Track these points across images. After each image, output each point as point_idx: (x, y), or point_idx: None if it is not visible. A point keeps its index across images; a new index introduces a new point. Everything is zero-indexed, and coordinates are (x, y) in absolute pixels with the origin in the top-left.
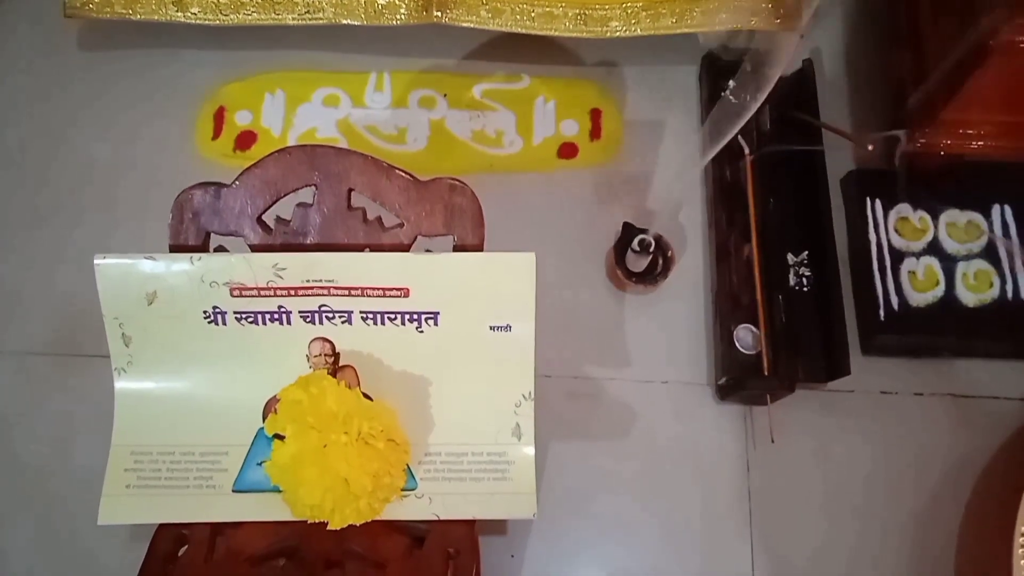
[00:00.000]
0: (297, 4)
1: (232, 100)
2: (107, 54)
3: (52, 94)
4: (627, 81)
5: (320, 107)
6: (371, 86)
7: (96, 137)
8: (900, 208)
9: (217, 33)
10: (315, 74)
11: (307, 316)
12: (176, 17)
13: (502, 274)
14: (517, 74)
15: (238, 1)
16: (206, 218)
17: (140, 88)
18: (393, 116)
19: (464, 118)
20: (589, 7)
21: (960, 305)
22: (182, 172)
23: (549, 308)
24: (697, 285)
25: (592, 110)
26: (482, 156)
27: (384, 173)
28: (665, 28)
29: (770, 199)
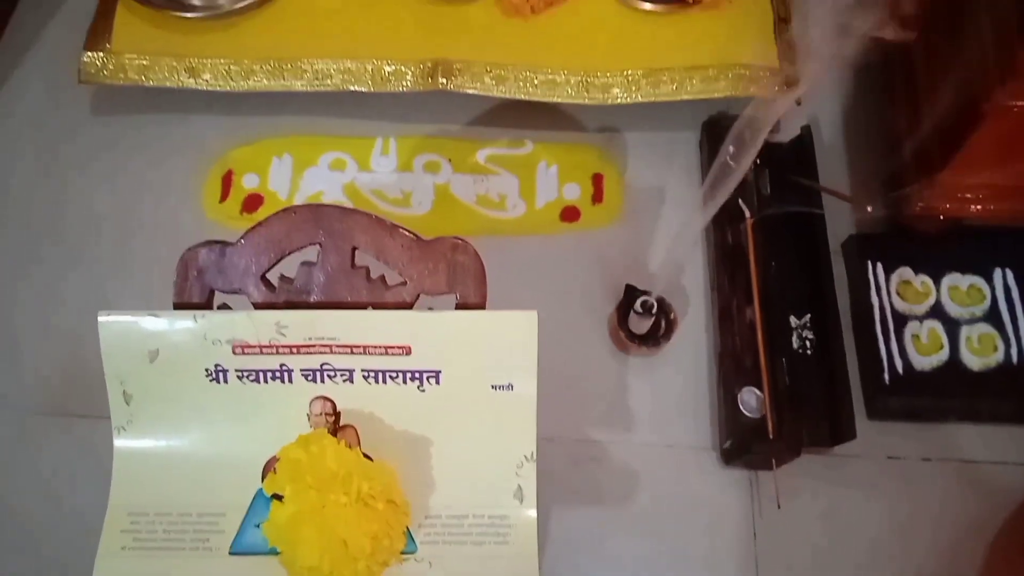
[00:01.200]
0: (306, 71)
1: (240, 163)
2: (118, 117)
3: (63, 153)
4: (628, 146)
5: (326, 171)
6: (377, 150)
7: (104, 196)
8: (901, 271)
9: (227, 99)
10: (322, 139)
11: (309, 374)
12: (188, 83)
13: (504, 332)
14: (520, 139)
15: (248, 68)
16: (211, 276)
17: (150, 151)
18: (399, 180)
19: (468, 182)
20: (591, 75)
21: (965, 369)
22: (188, 232)
23: (551, 370)
24: (700, 347)
25: (594, 175)
26: (486, 219)
27: (388, 232)
28: (665, 95)
29: (772, 262)
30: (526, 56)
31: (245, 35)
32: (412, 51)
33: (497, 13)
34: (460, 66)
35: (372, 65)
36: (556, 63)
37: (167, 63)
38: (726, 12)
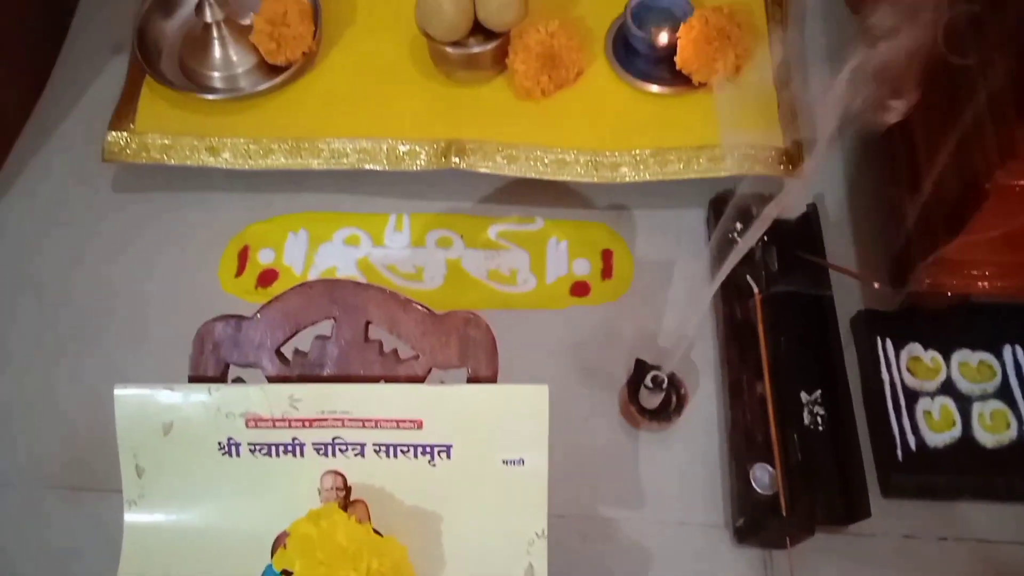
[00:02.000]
0: (323, 150)
1: (256, 239)
2: (139, 195)
3: (83, 227)
4: (637, 223)
5: (341, 246)
6: (391, 227)
7: (123, 271)
8: (911, 347)
9: (245, 176)
10: (337, 215)
11: (320, 448)
12: (208, 162)
13: (515, 406)
14: (531, 216)
15: (267, 147)
16: (226, 350)
17: (169, 227)
18: (411, 255)
19: (480, 257)
20: (600, 154)
21: (978, 446)
22: (205, 306)
23: (562, 445)
24: (711, 423)
25: (603, 250)
26: (497, 294)
27: (401, 306)
28: (673, 174)
29: (781, 338)
30: (536, 136)
31: (264, 115)
32: (426, 131)
33: (509, 95)
34: (473, 146)
35: (387, 144)
36: (566, 143)
37: (188, 142)
38: (732, 93)
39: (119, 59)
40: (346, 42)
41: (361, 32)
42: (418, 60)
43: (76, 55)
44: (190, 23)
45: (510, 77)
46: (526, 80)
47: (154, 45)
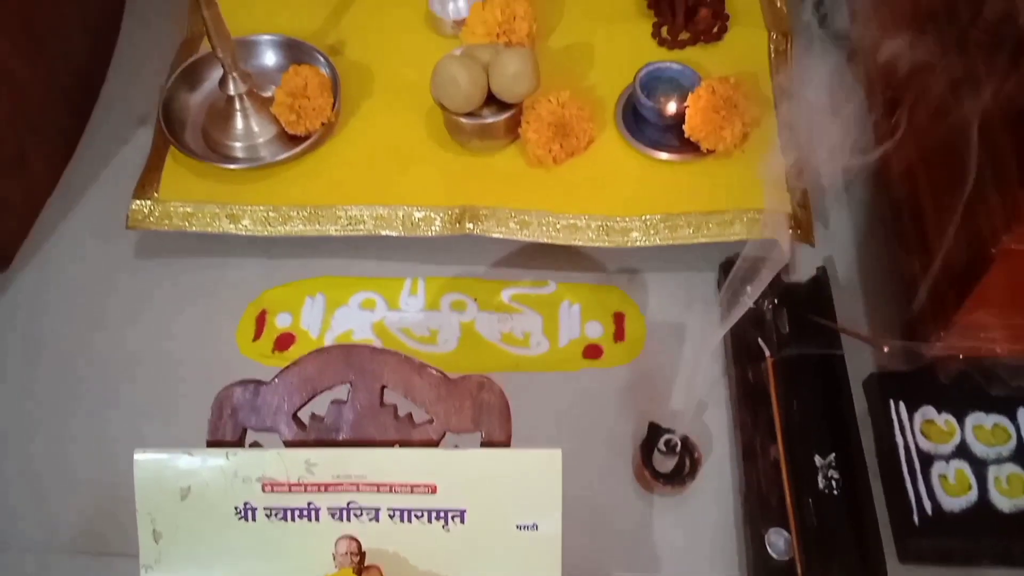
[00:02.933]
0: (340, 217)
1: (274, 303)
2: (160, 260)
3: (104, 291)
4: (649, 286)
5: (357, 310)
6: (406, 291)
7: (143, 336)
8: (924, 410)
9: (264, 242)
10: (353, 280)
11: (335, 513)
12: (228, 229)
13: (529, 471)
14: (543, 280)
15: (286, 214)
16: (244, 414)
17: (189, 292)
18: (426, 319)
19: (493, 321)
20: (611, 219)
21: (995, 510)
22: (222, 370)
23: (575, 508)
24: (725, 486)
25: (615, 313)
26: (510, 357)
27: (416, 371)
28: (683, 239)
29: (794, 401)
30: (549, 202)
31: (284, 184)
32: (441, 198)
33: (521, 163)
34: (486, 212)
35: (403, 211)
36: (577, 208)
37: (210, 210)
38: (739, 160)
39: (144, 130)
40: (364, 113)
41: (378, 103)
42: (433, 130)
43: (103, 125)
44: (213, 96)
45: (523, 146)
46: (538, 148)
47: (178, 117)
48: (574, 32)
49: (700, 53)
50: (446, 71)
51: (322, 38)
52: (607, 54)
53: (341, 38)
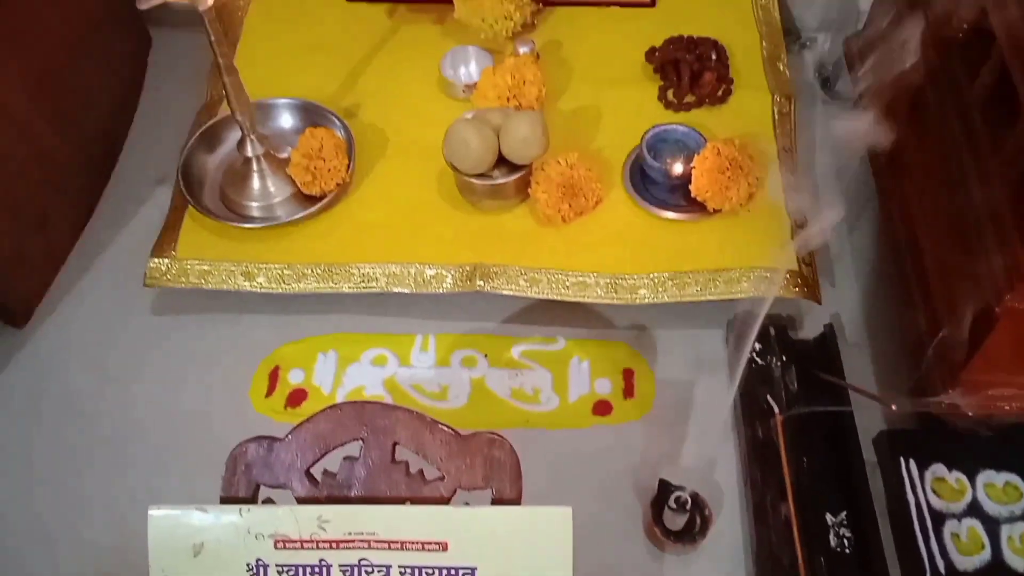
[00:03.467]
0: (353, 274)
1: (287, 360)
2: (176, 317)
3: (120, 347)
4: (657, 343)
5: (368, 366)
6: (417, 347)
7: (158, 391)
8: (935, 468)
9: (278, 299)
10: (365, 336)
11: (347, 570)
12: (243, 287)
13: (539, 528)
14: (553, 336)
15: (300, 272)
16: (258, 471)
17: (203, 348)
18: (437, 375)
19: (503, 377)
20: (619, 277)
21: (1010, 570)
22: (235, 426)
23: (586, 566)
24: (736, 544)
25: (625, 370)
26: (520, 413)
27: (427, 427)
28: (690, 296)
29: (804, 458)
30: (558, 260)
31: (298, 242)
32: (452, 256)
33: (531, 222)
34: (497, 270)
35: (415, 269)
36: (586, 266)
37: (226, 268)
38: (745, 219)
39: (163, 189)
40: (377, 173)
41: (392, 164)
42: (445, 190)
43: (124, 185)
44: (231, 157)
45: (532, 205)
46: (548, 208)
47: (197, 177)
48: (582, 95)
49: (705, 115)
50: (458, 134)
51: (338, 101)
52: (614, 117)
53: (356, 101)
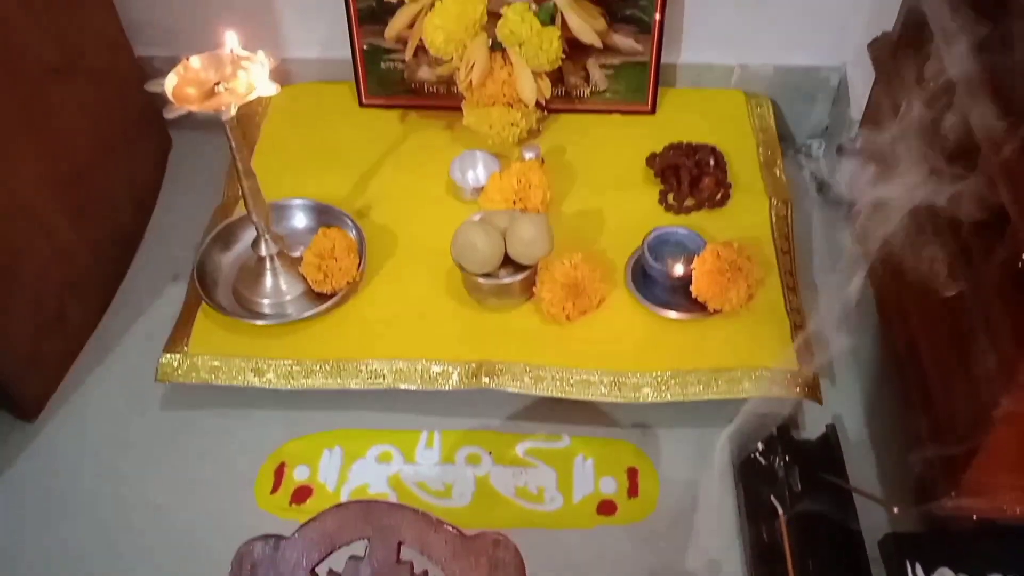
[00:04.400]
0: (361, 371)
1: (293, 456)
2: (183, 412)
3: (129, 442)
4: (661, 442)
5: (374, 463)
6: (422, 443)
7: (164, 486)
8: (942, 572)
9: (285, 394)
10: (371, 432)
11: None
12: (253, 382)
13: None
14: (558, 434)
15: (309, 368)
16: (263, 570)
17: (210, 444)
18: (441, 472)
19: (507, 475)
20: (622, 375)
21: None
22: (239, 523)
23: None
24: None
25: (629, 468)
26: (524, 512)
27: (433, 527)
28: (693, 395)
29: (809, 561)
30: (562, 358)
31: (308, 339)
32: (458, 353)
33: (536, 320)
34: (502, 367)
35: (421, 365)
36: (590, 364)
37: (236, 364)
38: (745, 319)
39: (176, 286)
40: (387, 272)
41: (401, 263)
42: (452, 288)
43: (139, 281)
44: (245, 255)
45: (537, 304)
46: (552, 307)
47: (211, 275)
48: (585, 199)
49: (705, 218)
50: (466, 236)
51: (351, 202)
52: (617, 219)
53: (368, 202)
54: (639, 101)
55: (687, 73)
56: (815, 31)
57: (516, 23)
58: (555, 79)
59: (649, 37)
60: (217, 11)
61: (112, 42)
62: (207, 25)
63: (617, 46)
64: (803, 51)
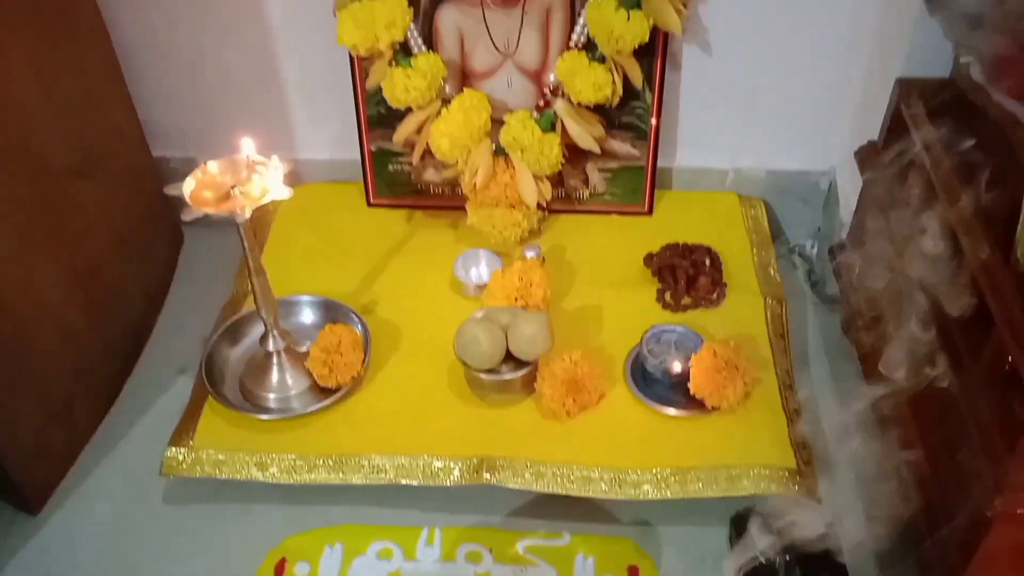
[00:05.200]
0: (363, 466)
1: (293, 551)
2: (186, 505)
3: (131, 536)
4: (662, 539)
5: (374, 559)
6: (423, 540)
7: None
8: None
9: (287, 488)
10: (372, 528)
11: None
12: (256, 476)
13: None
14: (558, 531)
15: (312, 463)
16: None
17: (211, 537)
18: (442, 570)
19: (508, 573)
20: (622, 472)
21: None
22: None
23: None
24: None
25: (630, 567)
26: None
27: None
28: (693, 493)
29: None
30: (563, 454)
31: (312, 433)
32: (460, 448)
33: (537, 416)
34: (503, 462)
35: (423, 460)
36: (590, 461)
37: (240, 458)
38: (743, 416)
39: (183, 380)
40: (391, 367)
41: (404, 359)
42: (454, 384)
43: (146, 374)
44: (253, 350)
45: (538, 400)
46: (553, 403)
47: (219, 369)
48: (585, 296)
49: (701, 316)
50: (469, 332)
51: (357, 298)
52: (615, 316)
53: (374, 299)
54: (636, 203)
55: (682, 176)
56: (805, 137)
57: (518, 130)
58: (555, 182)
59: (645, 143)
60: (233, 114)
61: (130, 143)
62: (222, 127)
63: (615, 151)
64: (794, 156)
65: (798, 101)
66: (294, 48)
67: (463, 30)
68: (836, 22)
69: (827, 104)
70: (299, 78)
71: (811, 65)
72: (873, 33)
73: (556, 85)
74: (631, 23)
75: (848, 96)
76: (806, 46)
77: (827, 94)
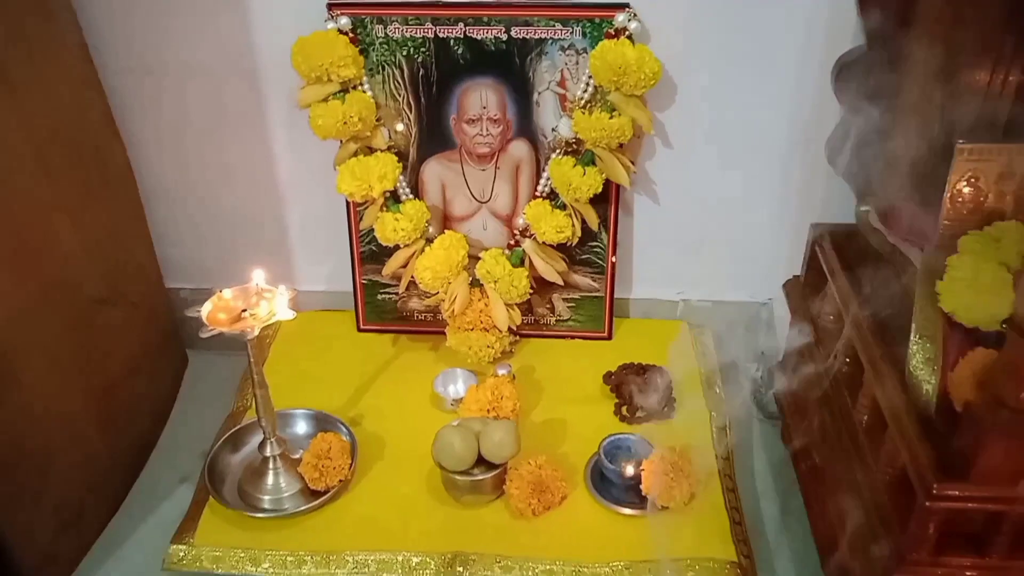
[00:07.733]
0: (348, 561)
1: None
2: None
3: None
4: None
5: None
6: None
7: None
8: None
9: None
10: None
11: None
12: (250, 571)
13: None
14: None
15: (301, 559)
16: None
17: None
18: None
19: None
20: (583, 565)
21: None
22: None
23: None
24: None
25: None
26: None
27: None
28: None
29: None
30: (528, 550)
31: (302, 531)
32: (436, 544)
33: (506, 515)
34: (475, 557)
35: (403, 556)
36: (552, 556)
37: (236, 554)
38: (690, 515)
39: (185, 488)
40: (375, 472)
41: (388, 465)
42: (432, 487)
43: (150, 483)
44: (251, 456)
45: (507, 500)
46: (520, 502)
47: (220, 473)
48: (551, 410)
49: (653, 428)
50: (445, 438)
51: (346, 411)
52: (577, 427)
53: (361, 412)
54: (597, 329)
55: (638, 305)
56: (746, 272)
57: (492, 265)
58: (525, 309)
59: (604, 277)
60: (240, 251)
61: (148, 276)
62: (232, 262)
63: (577, 284)
64: (737, 289)
65: (739, 242)
66: (298, 195)
67: (445, 182)
68: (767, 174)
69: (765, 244)
70: (301, 221)
71: (749, 211)
72: (797, 185)
73: (524, 227)
74: (587, 177)
75: (781, 237)
76: (745, 194)
77: (764, 235)
